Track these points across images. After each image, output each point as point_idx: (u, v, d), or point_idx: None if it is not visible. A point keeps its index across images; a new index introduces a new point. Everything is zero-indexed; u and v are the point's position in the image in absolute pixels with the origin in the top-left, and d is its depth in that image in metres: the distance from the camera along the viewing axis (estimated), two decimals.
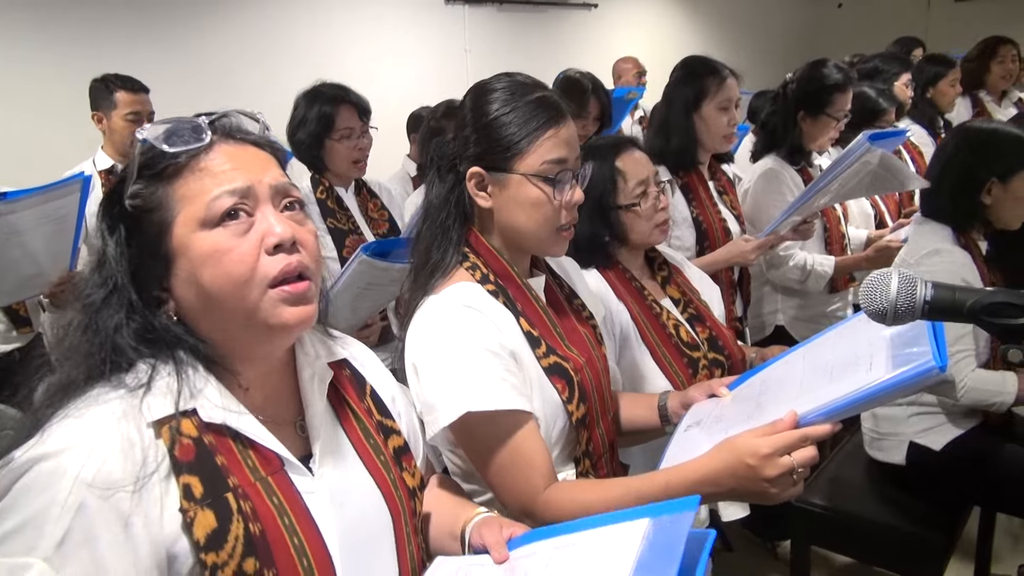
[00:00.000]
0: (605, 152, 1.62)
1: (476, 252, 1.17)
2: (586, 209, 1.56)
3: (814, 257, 2.37)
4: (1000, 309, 0.70)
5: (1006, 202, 1.88)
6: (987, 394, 1.79)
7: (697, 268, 1.87)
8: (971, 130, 1.97)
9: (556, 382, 1.13)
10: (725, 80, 2.16)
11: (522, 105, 1.12)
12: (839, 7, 7.38)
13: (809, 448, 0.91)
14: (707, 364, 1.59)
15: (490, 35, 5.92)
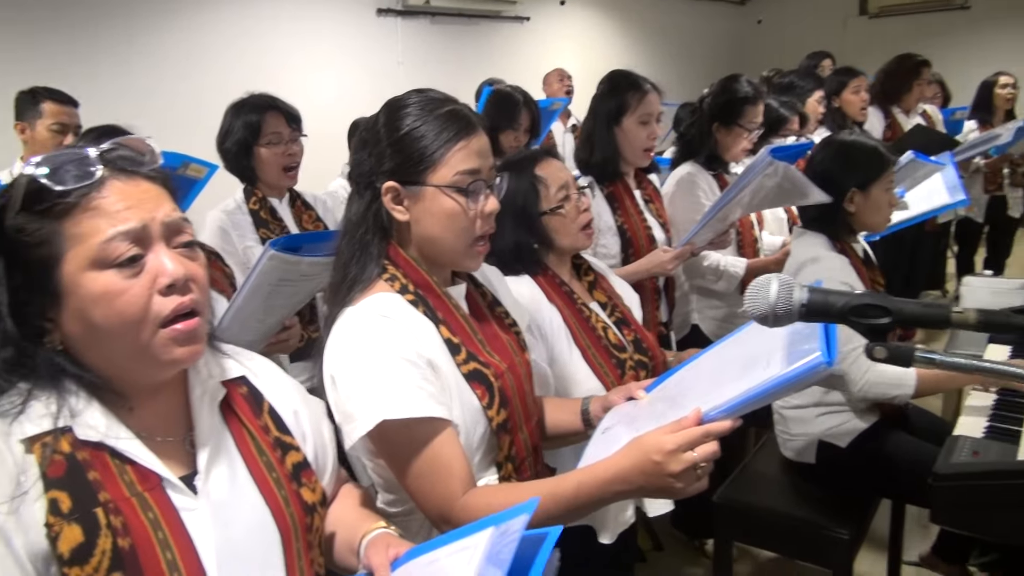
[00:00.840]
0: (524, 163, 1.67)
1: (395, 264, 1.18)
2: (511, 219, 1.60)
3: (727, 259, 2.46)
4: (866, 310, 0.75)
5: (867, 209, 2.01)
6: (887, 387, 1.88)
7: (619, 277, 1.93)
8: (834, 143, 2.10)
9: (476, 388, 1.15)
10: (646, 94, 2.22)
11: (433, 119, 1.14)
12: (759, 23, 7.70)
13: (711, 444, 0.95)
14: (633, 365, 1.64)
15: (423, 47, 5.94)
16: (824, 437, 2.02)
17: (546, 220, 1.63)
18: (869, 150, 2.02)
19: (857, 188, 2.00)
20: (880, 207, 2.02)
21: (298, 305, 1.70)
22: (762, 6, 9.47)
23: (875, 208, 2.02)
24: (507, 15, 6.55)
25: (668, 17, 8.44)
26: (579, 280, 1.75)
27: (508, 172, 1.66)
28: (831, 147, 2.09)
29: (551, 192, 1.62)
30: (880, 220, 2.05)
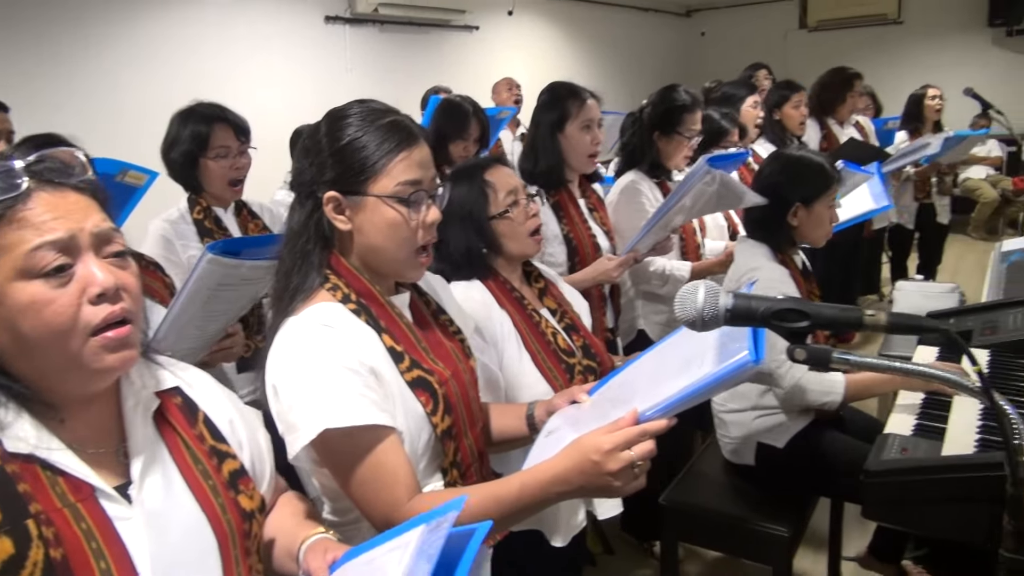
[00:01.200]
0: (473, 170, 1.70)
1: (337, 273, 1.18)
2: (461, 224, 1.65)
3: (672, 263, 2.52)
4: (786, 314, 0.79)
5: (810, 224, 2.08)
6: (818, 395, 1.95)
7: (568, 285, 1.96)
8: (783, 157, 2.17)
9: (420, 395, 1.16)
10: (586, 102, 2.27)
11: (374, 129, 1.14)
12: (702, 35, 7.91)
13: (648, 442, 0.98)
14: (582, 370, 1.67)
15: (371, 55, 5.92)
16: (762, 439, 2.08)
17: (494, 224, 1.66)
18: (816, 167, 2.09)
19: (802, 203, 2.06)
20: (822, 222, 2.09)
21: (240, 311, 1.68)
22: (706, 19, 9.70)
23: (817, 223, 2.08)
24: (456, 24, 6.57)
25: (615, 28, 8.58)
26: (530, 286, 1.79)
27: (458, 178, 1.70)
28: (779, 161, 2.16)
29: (499, 197, 1.66)
30: (821, 235, 2.12)
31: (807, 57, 8.45)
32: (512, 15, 6.57)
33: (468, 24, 6.68)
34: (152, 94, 4.27)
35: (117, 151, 2.16)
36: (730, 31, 9.45)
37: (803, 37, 9.17)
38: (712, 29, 9.49)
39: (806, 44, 9.08)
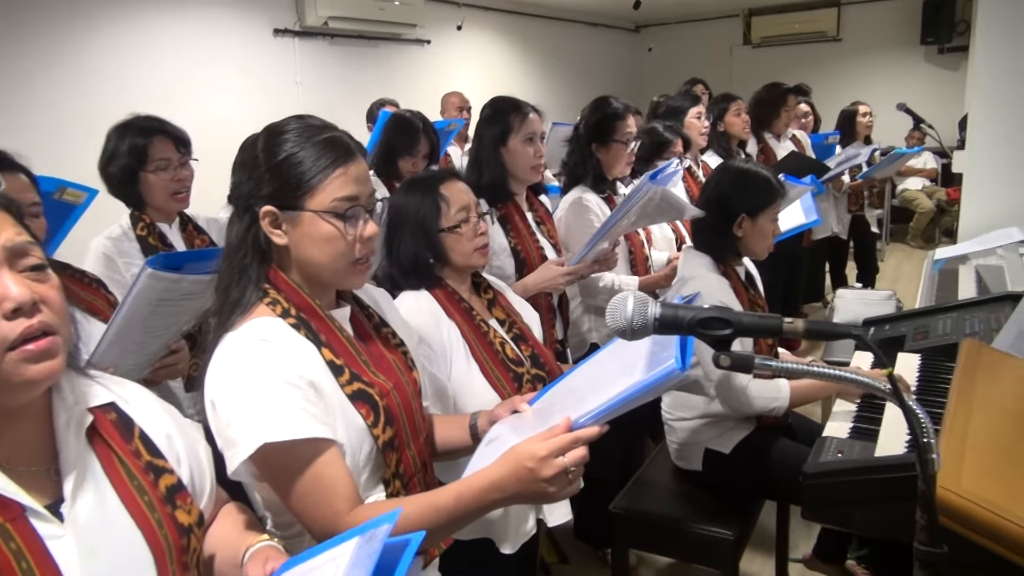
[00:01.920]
0: (430, 182, 1.74)
1: (277, 288, 1.19)
2: (412, 232, 1.69)
3: (620, 278, 2.57)
4: (711, 323, 0.83)
5: (754, 236, 2.13)
6: (765, 401, 2.01)
7: (514, 293, 1.99)
8: (730, 169, 2.23)
9: (360, 408, 1.17)
10: (527, 115, 2.31)
11: (311, 145, 1.15)
12: (649, 51, 8.08)
13: (580, 449, 1.01)
14: (530, 379, 1.70)
15: (321, 68, 5.89)
16: (709, 445, 2.13)
17: (443, 237, 1.69)
18: (763, 180, 2.13)
19: (747, 215, 2.10)
20: (765, 235, 2.14)
21: (182, 327, 1.66)
22: (653, 34, 9.90)
23: (760, 235, 2.13)
24: (407, 38, 6.58)
25: (565, 42, 8.69)
26: (479, 297, 1.81)
27: (414, 188, 1.74)
28: (727, 173, 2.21)
29: (451, 211, 1.69)
30: (763, 247, 2.16)
31: (751, 72, 8.69)
32: (461, 30, 6.59)
33: (419, 38, 6.69)
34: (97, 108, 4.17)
35: (62, 166, 2.12)
36: (677, 46, 9.67)
37: (748, 53, 9.43)
38: (660, 44, 9.70)
39: (750, 59, 9.34)
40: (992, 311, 2.22)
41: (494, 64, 7.77)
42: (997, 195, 3.21)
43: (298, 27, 5.64)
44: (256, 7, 5.40)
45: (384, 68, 6.44)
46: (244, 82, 5.34)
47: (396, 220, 1.73)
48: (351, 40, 6.10)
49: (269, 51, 5.52)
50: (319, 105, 5.74)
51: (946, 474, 0.87)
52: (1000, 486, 0.87)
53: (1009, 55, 3.05)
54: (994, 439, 1.02)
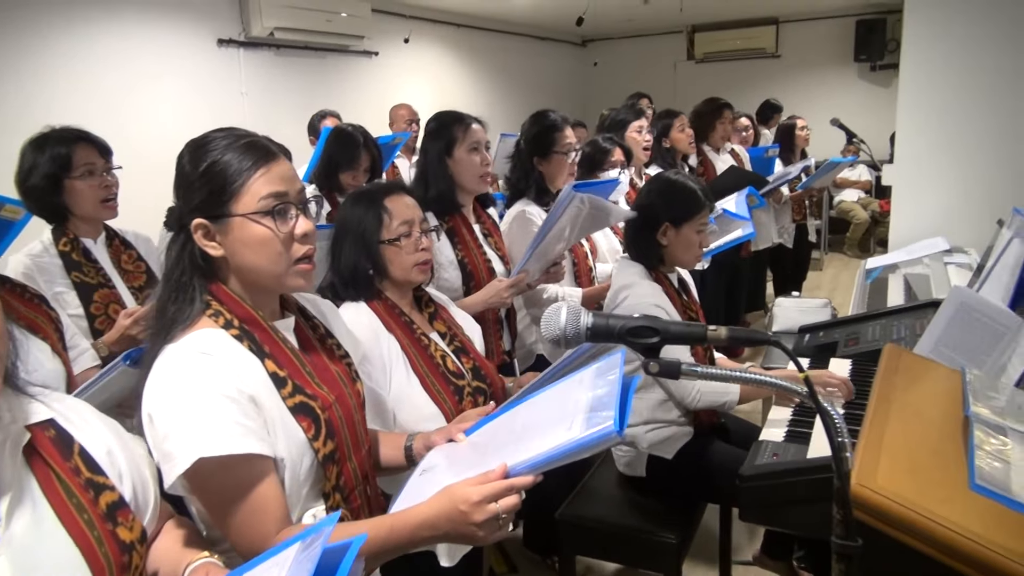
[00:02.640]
0: (375, 193, 1.75)
1: (219, 300, 1.18)
2: (352, 242, 1.69)
3: (564, 289, 2.61)
4: (640, 331, 0.86)
5: (678, 245, 2.19)
6: (717, 395, 2.07)
7: (460, 310, 2.01)
8: (660, 179, 2.29)
9: (302, 421, 1.17)
10: (470, 126, 2.34)
11: (232, 151, 1.16)
12: (595, 65, 8.22)
13: (513, 497, 1.03)
14: (471, 391, 1.72)
15: (267, 78, 5.84)
16: (652, 451, 2.17)
17: (383, 249, 1.71)
18: (688, 191, 2.18)
19: (671, 223, 2.16)
20: (690, 245, 2.18)
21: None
22: (599, 49, 10.06)
23: (685, 245, 2.18)
24: (355, 49, 6.56)
25: (513, 55, 8.77)
26: (420, 311, 1.82)
27: (359, 199, 1.75)
28: (656, 182, 2.27)
29: (393, 224, 1.71)
30: (689, 258, 2.21)
31: (695, 87, 8.91)
32: (408, 42, 6.60)
33: (367, 50, 6.68)
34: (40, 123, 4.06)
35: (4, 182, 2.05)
36: (623, 61, 9.86)
37: (691, 68, 9.66)
38: (606, 59, 9.87)
39: (694, 75, 9.57)
40: (918, 317, 2.33)
41: (442, 77, 7.80)
42: (924, 207, 3.36)
43: (243, 37, 5.58)
44: (200, 17, 5.33)
45: (331, 80, 6.41)
46: (188, 93, 5.26)
47: (341, 231, 1.74)
48: (298, 51, 6.06)
49: (213, 62, 5.45)
50: (265, 116, 5.68)
51: (863, 472, 0.92)
52: (912, 483, 0.93)
53: (933, 74, 3.21)
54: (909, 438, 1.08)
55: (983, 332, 1.61)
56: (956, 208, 3.28)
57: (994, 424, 1.13)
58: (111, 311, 2.04)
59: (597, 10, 6.65)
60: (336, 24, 6.05)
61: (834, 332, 2.49)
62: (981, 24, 3.07)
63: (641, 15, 7.86)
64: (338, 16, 6.04)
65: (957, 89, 3.18)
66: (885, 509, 0.86)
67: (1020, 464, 1.02)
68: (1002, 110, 3.11)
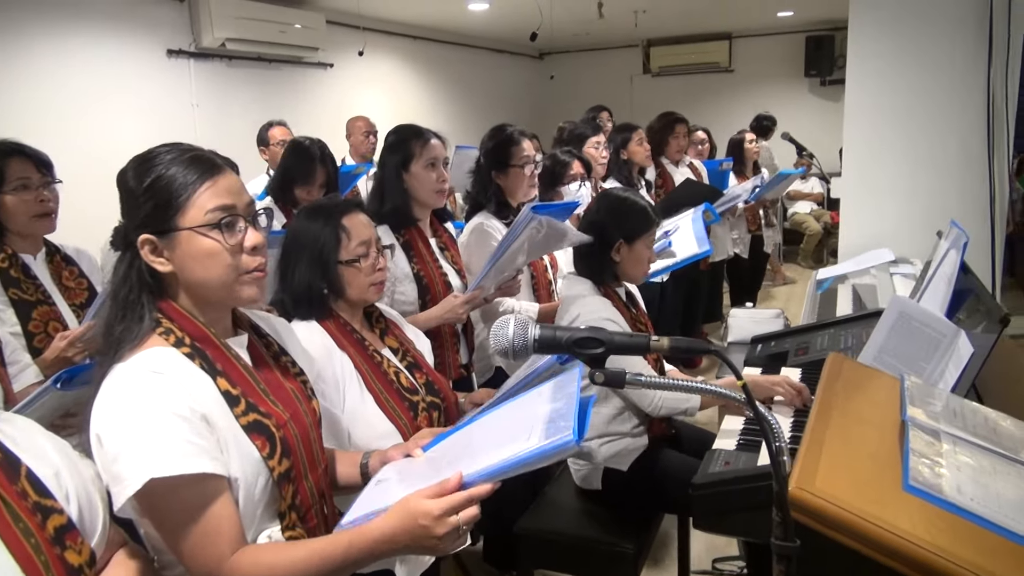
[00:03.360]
0: (332, 210, 1.74)
1: (170, 318, 1.18)
2: (308, 261, 1.68)
3: (521, 303, 2.64)
4: (586, 342, 0.90)
5: (630, 261, 2.26)
6: (679, 402, 2.12)
7: (411, 326, 2.02)
8: (610, 196, 2.35)
9: (256, 439, 1.17)
10: (429, 141, 2.37)
11: (176, 164, 1.16)
12: (551, 79, 8.33)
13: (472, 508, 1.04)
14: (425, 407, 1.73)
15: (219, 90, 5.79)
16: (607, 463, 2.21)
17: (341, 269, 1.70)
18: (639, 209, 2.26)
19: (624, 241, 2.23)
20: (640, 261, 2.26)
21: None
22: (556, 62, 10.20)
23: (636, 261, 2.25)
24: (309, 61, 6.55)
25: (470, 67, 8.83)
26: (371, 328, 1.83)
27: (315, 215, 1.74)
28: (605, 201, 2.33)
29: (352, 244, 1.70)
30: (639, 273, 2.29)
31: (651, 100, 9.10)
32: (363, 55, 6.61)
33: (322, 61, 6.67)
34: None
35: None
36: (580, 74, 10.00)
37: (647, 82, 9.85)
38: (563, 72, 10.00)
39: (650, 88, 9.76)
40: (864, 327, 2.41)
41: (399, 89, 7.82)
42: (871, 219, 3.49)
43: (193, 48, 5.53)
44: (149, 27, 5.27)
45: (285, 91, 6.38)
46: (138, 105, 5.19)
47: (293, 246, 1.73)
48: (250, 62, 6.02)
49: (163, 72, 5.39)
50: (217, 129, 5.63)
51: (802, 476, 0.96)
52: (849, 485, 0.97)
53: (877, 90, 3.35)
54: (848, 443, 1.13)
55: (922, 340, 1.69)
56: (901, 220, 3.41)
57: (928, 428, 1.19)
58: (51, 329, 2.01)
59: (553, 24, 6.76)
60: (290, 35, 6.04)
61: (785, 342, 2.56)
62: (921, 42, 3.22)
63: (597, 29, 8.00)
64: (291, 27, 6.03)
65: (900, 104, 3.32)
66: (822, 511, 0.90)
67: (951, 466, 1.08)
68: (942, 125, 3.25)
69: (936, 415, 1.26)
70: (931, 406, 1.30)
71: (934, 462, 1.09)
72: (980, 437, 1.23)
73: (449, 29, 8.19)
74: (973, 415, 1.33)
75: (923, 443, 1.13)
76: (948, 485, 1.03)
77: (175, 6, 5.42)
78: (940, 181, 3.30)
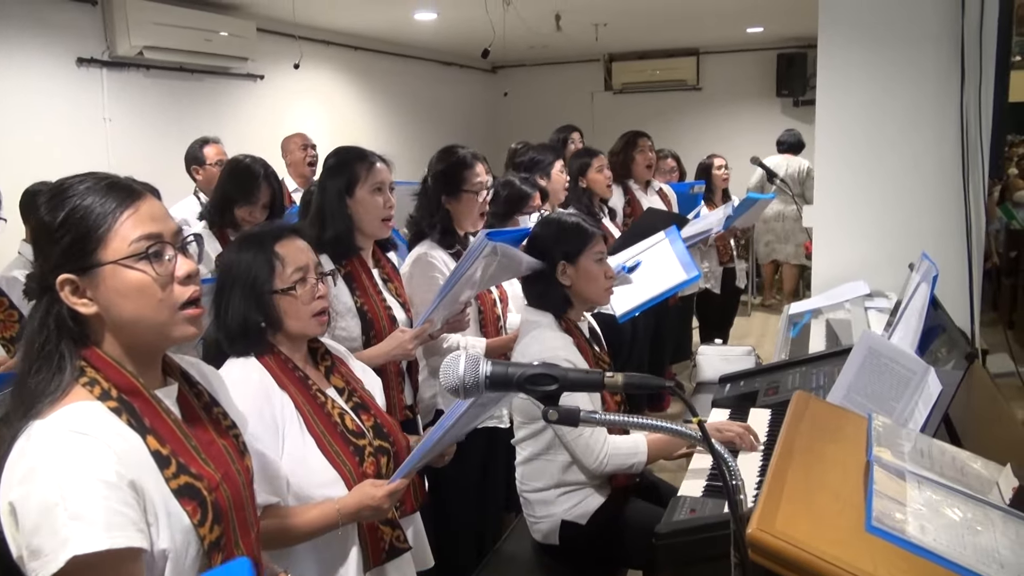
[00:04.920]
0: (264, 238, 1.78)
1: (94, 367, 1.17)
2: (241, 293, 1.71)
3: (467, 339, 2.69)
4: (539, 379, 0.97)
5: (580, 280, 2.34)
6: (624, 457, 2.19)
7: (359, 361, 2.06)
8: (545, 220, 2.47)
9: (186, 505, 1.17)
10: (375, 164, 2.42)
11: (91, 194, 1.17)
12: (505, 95, 8.48)
13: None
14: (373, 451, 1.77)
15: (136, 103, 5.77)
16: (566, 516, 2.27)
17: (277, 300, 1.73)
18: (571, 224, 2.36)
19: (565, 260, 2.31)
20: (592, 278, 2.34)
21: None
22: (511, 76, 10.37)
23: (587, 279, 2.33)
24: (238, 72, 6.57)
25: (416, 80, 8.94)
26: (315, 365, 1.86)
27: (247, 244, 1.77)
28: (542, 223, 2.45)
29: (287, 272, 1.74)
30: (596, 291, 2.36)
31: (614, 118, 9.31)
32: (299, 68, 6.66)
33: (252, 73, 6.70)
34: None
35: None
36: (537, 90, 10.19)
37: (609, 99, 10.10)
38: (518, 87, 10.18)
39: (613, 106, 10.01)
40: (837, 364, 2.52)
41: (338, 103, 7.88)
42: (844, 249, 3.61)
43: (107, 57, 5.52)
44: (58, 33, 5.24)
45: (211, 105, 6.39)
46: (46, 117, 5.15)
47: (226, 279, 1.76)
48: (171, 73, 6.02)
49: (72, 83, 5.35)
50: (132, 146, 5.61)
51: (763, 517, 1.03)
52: (811, 526, 1.05)
53: (848, 112, 3.48)
54: (811, 484, 1.21)
55: (892, 378, 1.80)
56: (876, 250, 3.53)
57: (894, 468, 1.29)
58: None
59: (507, 36, 6.92)
60: (216, 44, 6.06)
61: (755, 381, 2.67)
62: (896, 61, 3.36)
63: (555, 42, 8.20)
64: (218, 35, 6.06)
65: (872, 127, 3.43)
66: (781, 552, 0.98)
67: (915, 506, 1.16)
68: (918, 147, 3.37)
69: (903, 455, 1.36)
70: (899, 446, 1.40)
71: (898, 503, 1.17)
72: (947, 477, 1.33)
73: (394, 40, 8.31)
74: (941, 455, 1.43)
75: (888, 483, 1.22)
76: (912, 526, 1.11)
77: (87, 9, 5.40)
78: (915, 209, 3.41)
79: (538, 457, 2.30)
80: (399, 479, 1.69)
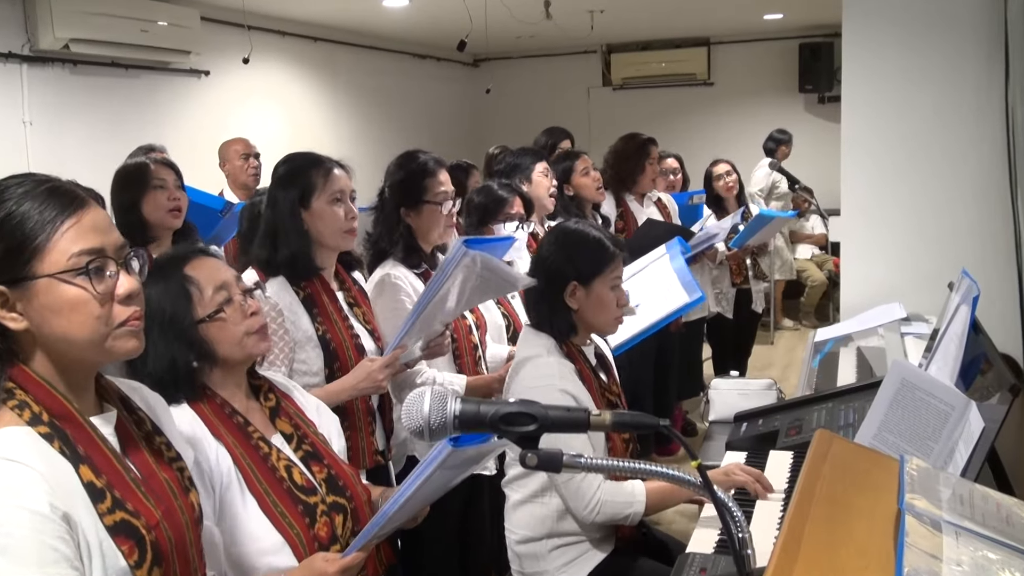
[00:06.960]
0: (167, 264, 1.76)
1: (23, 388, 1.20)
2: (160, 332, 1.67)
3: (444, 375, 2.68)
4: (516, 418, 0.97)
5: (590, 307, 2.31)
6: (620, 506, 2.18)
7: (313, 397, 2.03)
8: (558, 231, 2.44)
9: (122, 544, 1.19)
10: (332, 171, 2.42)
11: (29, 200, 1.20)
12: (487, 92, 8.52)
13: None
14: (326, 510, 1.72)
15: (61, 103, 5.77)
16: (560, 573, 2.26)
17: (203, 330, 1.71)
18: (593, 240, 2.32)
19: (578, 281, 2.29)
20: (604, 305, 2.32)
21: None
22: (496, 70, 10.36)
23: (598, 306, 2.31)
24: (179, 67, 6.59)
25: (385, 77, 8.98)
26: (259, 405, 1.82)
27: (153, 277, 1.68)
28: (554, 234, 2.42)
29: (206, 295, 1.72)
30: (606, 320, 2.35)
31: (612, 117, 9.38)
32: (249, 63, 6.69)
33: (195, 68, 6.73)
34: None
35: None
36: (525, 85, 10.24)
37: (607, 95, 10.17)
38: (504, 83, 10.19)
39: (611, 103, 10.08)
40: (869, 398, 2.53)
41: (294, 102, 7.90)
42: (877, 266, 3.60)
43: (27, 51, 5.53)
44: None
45: (148, 105, 6.40)
46: None
47: None
48: (102, 68, 6.04)
49: None
50: (57, 152, 5.61)
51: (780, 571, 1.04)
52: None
53: (875, 109, 3.48)
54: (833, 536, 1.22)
55: (928, 414, 1.81)
56: (914, 268, 3.50)
57: (929, 517, 1.29)
58: None
59: (489, 25, 6.97)
60: (154, 36, 6.08)
61: (774, 419, 2.67)
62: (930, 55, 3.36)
63: (545, 32, 8.24)
64: (156, 26, 6.08)
65: (905, 128, 3.43)
66: None
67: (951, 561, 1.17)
68: (956, 152, 3.37)
69: (940, 502, 1.36)
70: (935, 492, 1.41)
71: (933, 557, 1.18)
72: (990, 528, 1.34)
73: (359, 30, 8.35)
74: (984, 502, 1.44)
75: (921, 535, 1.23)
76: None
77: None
78: (956, 221, 3.40)
79: (530, 500, 2.28)
80: (355, 551, 1.59)
